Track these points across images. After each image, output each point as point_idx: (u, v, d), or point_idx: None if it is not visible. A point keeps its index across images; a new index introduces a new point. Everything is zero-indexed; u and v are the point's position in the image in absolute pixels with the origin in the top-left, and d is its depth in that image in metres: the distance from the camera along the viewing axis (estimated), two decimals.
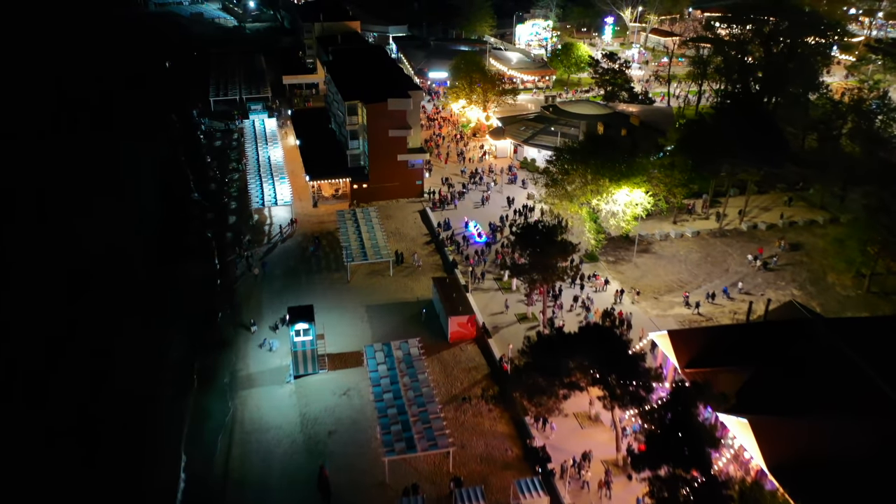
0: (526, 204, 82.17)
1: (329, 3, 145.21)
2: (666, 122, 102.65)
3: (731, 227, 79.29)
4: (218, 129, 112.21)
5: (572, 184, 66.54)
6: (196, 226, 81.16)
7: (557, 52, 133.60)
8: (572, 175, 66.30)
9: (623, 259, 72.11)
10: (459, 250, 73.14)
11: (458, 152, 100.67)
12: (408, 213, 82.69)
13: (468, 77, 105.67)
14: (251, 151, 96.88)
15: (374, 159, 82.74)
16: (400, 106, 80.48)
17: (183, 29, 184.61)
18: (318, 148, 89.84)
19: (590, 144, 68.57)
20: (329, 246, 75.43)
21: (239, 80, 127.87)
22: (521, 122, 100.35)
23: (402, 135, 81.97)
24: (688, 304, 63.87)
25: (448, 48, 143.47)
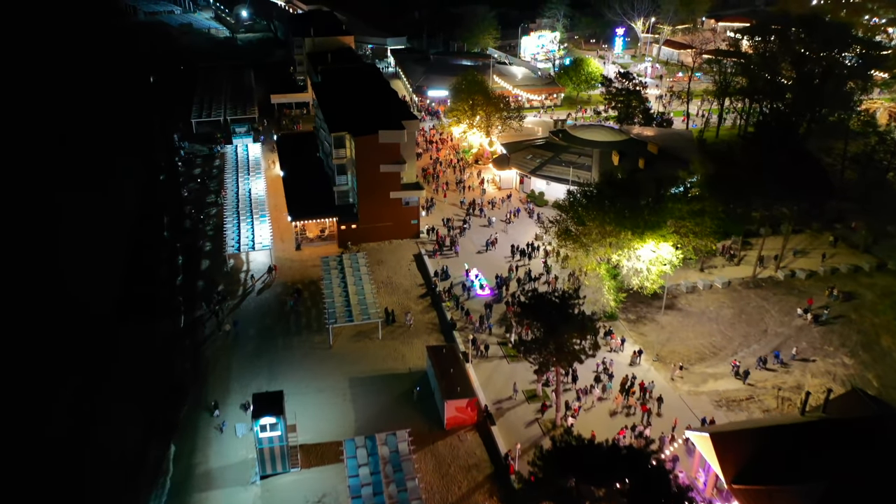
0: (532, 243, 73.45)
1: (322, 16, 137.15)
2: (686, 148, 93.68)
3: (766, 274, 70.27)
4: (199, 153, 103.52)
5: (588, 235, 57.54)
6: (164, 272, 72.36)
7: (566, 67, 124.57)
8: (589, 225, 57.26)
9: (645, 317, 63.09)
10: (459, 305, 64.23)
11: (458, 181, 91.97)
12: (401, 258, 73.82)
13: (469, 99, 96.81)
14: (231, 183, 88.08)
15: (363, 197, 73.94)
16: (392, 138, 71.69)
17: (171, 40, 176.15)
18: (303, 181, 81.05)
19: (608, 188, 59.47)
20: (311, 299, 66.59)
21: (225, 98, 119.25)
22: (527, 150, 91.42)
23: (396, 170, 73.19)
24: (738, 375, 54.98)
25: (449, 63, 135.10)
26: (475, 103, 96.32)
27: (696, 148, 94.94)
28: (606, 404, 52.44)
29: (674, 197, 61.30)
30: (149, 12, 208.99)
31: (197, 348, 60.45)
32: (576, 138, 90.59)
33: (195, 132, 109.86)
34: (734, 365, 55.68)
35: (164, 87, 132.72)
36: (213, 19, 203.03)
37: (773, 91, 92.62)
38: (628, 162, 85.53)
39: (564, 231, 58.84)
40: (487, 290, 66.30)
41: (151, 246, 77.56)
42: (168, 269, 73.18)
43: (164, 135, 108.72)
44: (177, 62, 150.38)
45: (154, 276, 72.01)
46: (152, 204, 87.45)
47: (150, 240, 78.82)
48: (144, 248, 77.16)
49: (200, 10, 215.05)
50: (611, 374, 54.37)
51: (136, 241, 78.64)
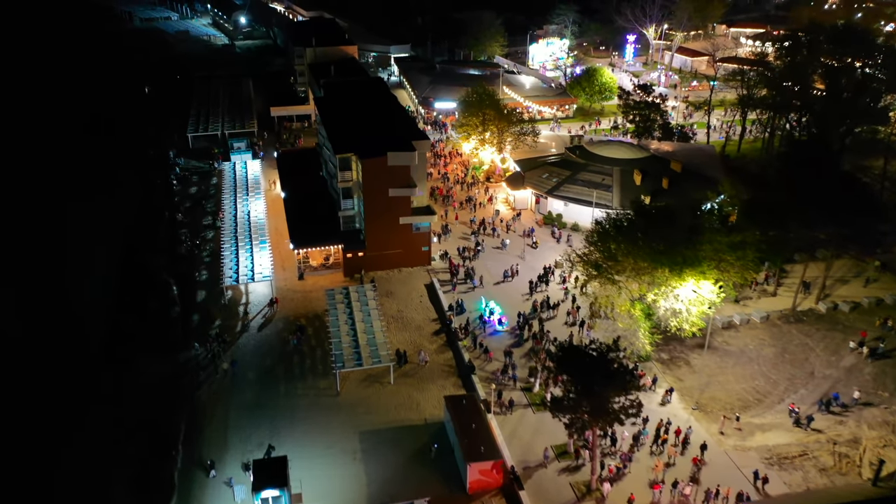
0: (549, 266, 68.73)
1: (323, 25, 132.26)
2: (710, 165, 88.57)
3: (805, 306, 65.16)
4: (195, 170, 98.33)
5: (621, 272, 52.36)
6: (157, 306, 67.07)
7: (579, 77, 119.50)
8: (622, 262, 52.08)
9: (679, 357, 57.92)
10: (476, 343, 59.04)
11: (467, 198, 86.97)
12: (412, 289, 68.64)
13: (480, 113, 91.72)
14: (229, 204, 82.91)
15: (371, 222, 68.79)
16: (402, 161, 66.56)
17: (168, 48, 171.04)
18: (305, 204, 75.82)
19: (641, 220, 54.25)
20: (316, 336, 61.41)
21: (222, 110, 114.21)
22: (543, 167, 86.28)
23: (406, 194, 68.02)
24: (798, 423, 50.12)
25: (456, 72, 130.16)
26: (487, 118, 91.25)
27: (720, 165, 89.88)
28: (644, 455, 47.44)
29: (711, 227, 55.96)
30: (145, 18, 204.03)
31: (192, 393, 55.25)
32: (594, 155, 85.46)
33: (191, 147, 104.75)
34: (792, 410, 50.68)
35: (159, 97, 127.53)
36: (211, 26, 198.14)
37: (803, 104, 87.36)
38: (651, 181, 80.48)
39: (595, 266, 53.60)
40: (505, 321, 61.18)
41: (143, 274, 72.20)
42: (161, 300, 67.89)
43: (159, 150, 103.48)
44: (172, 71, 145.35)
45: (145, 308, 66.68)
46: (145, 227, 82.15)
47: (142, 267, 73.45)
48: (135, 276, 71.82)
49: (198, 16, 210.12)
50: (645, 418, 49.21)
51: (126, 268, 73.30)
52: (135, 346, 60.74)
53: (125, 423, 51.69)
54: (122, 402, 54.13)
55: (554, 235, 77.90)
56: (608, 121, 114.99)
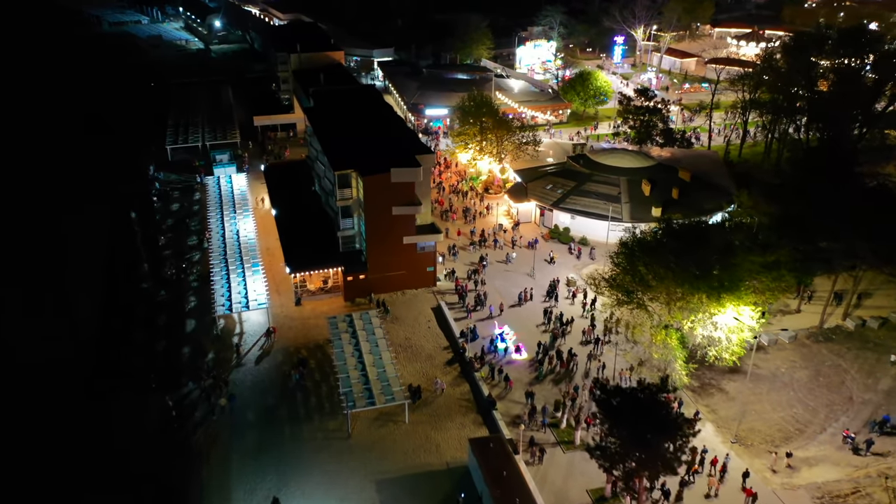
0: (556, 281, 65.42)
1: (306, 29, 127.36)
2: (717, 172, 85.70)
3: (832, 322, 62.23)
4: (176, 184, 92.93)
5: (655, 299, 48.70)
6: (142, 337, 61.95)
7: (572, 81, 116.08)
8: (656, 288, 48.39)
9: (710, 384, 54.46)
10: (494, 373, 54.98)
11: (464, 209, 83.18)
12: (419, 313, 64.38)
13: (478, 122, 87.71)
14: (215, 222, 77.84)
15: (373, 243, 64.40)
16: (407, 177, 62.28)
17: (140, 54, 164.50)
18: (300, 223, 71.24)
19: (673, 241, 50.58)
20: (319, 369, 56.91)
21: (202, 120, 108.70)
22: (546, 178, 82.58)
23: (410, 212, 63.75)
24: (857, 451, 47.32)
25: (444, 77, 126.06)
26: (484, 126, 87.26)
27: (726, 172, 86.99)
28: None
29: (743, 244, 52.54)
30: (114, 23, 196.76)
31: (187, 437, 50.45)
32: (599, 165, 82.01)
33: (170, 160, 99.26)
34: (847, 437, 47.59)
35: (134, 107, 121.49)
36: (184, 30, 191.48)
37: (812, 108, 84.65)
38: (660, 191, 77.26)
39: (625, 292, 49.84)
40: (524, 351, 57.26)
41: (126, 302, 66.99)
42: (147, 331, 62.74)
43: (136, 164, 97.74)
44: (147, 78, 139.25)
45: (130, 340, 61.57)
46: (125, 249, 76.75)
47: (124, 295, 68.21)
48: (118, 304, 66.61)
49: (170, 19, 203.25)
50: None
51: (108, 295, 68.05)
52: (121, 384, 55.82)
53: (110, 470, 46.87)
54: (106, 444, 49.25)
55: (571, 251, 74.11)
56: (608, 125, 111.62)
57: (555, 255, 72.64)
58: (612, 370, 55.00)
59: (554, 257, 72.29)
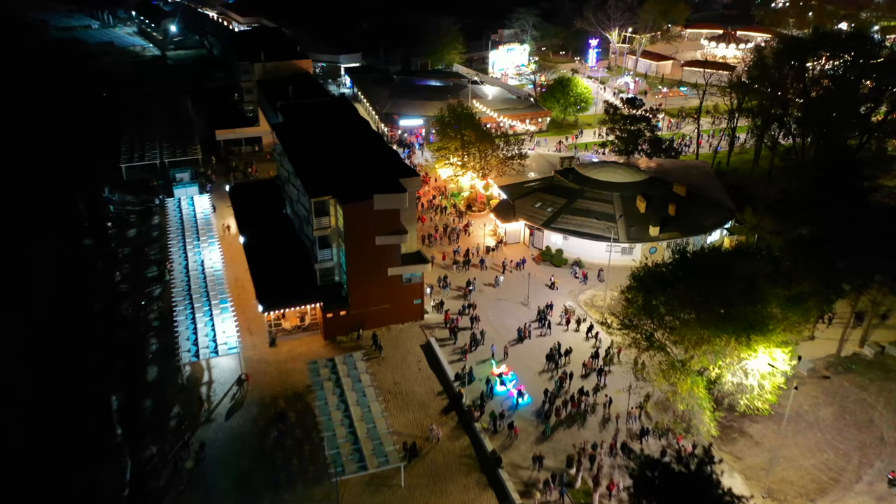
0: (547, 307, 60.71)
1: (270, 36, 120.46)
2: (711, 185, 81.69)
3: (849, 349, 58.33)
4: (133, 207, 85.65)
5: (680, 343, 43.85)
6: (97, 389, 55.08)
7: (551, 87, 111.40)
8: (680, 331, 43.54)
9: (731, 426, 49.85)
10: (496, 423, 49.61)
11: (444, 227, 77.97)
12: (406, 351, 58.67)
13: (459, 135, 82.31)
14: (177, 251, 71.05)
15: (354, 276, 58.52)
16: (391, 204, 56.55)
17: (90, 61, 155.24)
18: (271, 252, 64.98)
19: (693, 276, 45.70)
20: (300, 423, 50.83)
21: (160, 135, 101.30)
22: (534, 195, 77.52)
23: (395, 242, 58.04)
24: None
25: (416, 84, 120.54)
26: (466, 140, 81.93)
27: (720, 184, 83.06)
28: None
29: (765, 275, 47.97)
30: (62, 28, 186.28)
31: None
32: (589, 179, 77.29)
33: (125, 179, 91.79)
34: (894, 480, 43.51)
35: (84, 121, 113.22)
36: (138, 35, 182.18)
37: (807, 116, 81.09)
38: (656, 208, 72.85)
39: (645, 337, 44.92)
40: (527, 396, 52.03)
41: (78, 346, 59.96)
42: (101, 383, 55.86)
43: (88, 185, 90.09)
44: (98, 88, 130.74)
45: (83, 393, 54.75)
46: (76, 282, 69.57)
47: (76, 338, 61.10)
48: (68, 349, 59.55)
49: (122, 23, 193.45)
50: None
51: (56, 339, 60.87)
52: (71, 443, 49.06)
53: None
54: None
55: (576, 276, 69.17)
56: (593, 133, 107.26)
57: (556, 279, 67.59)
58: (612, 394, 50.09)
59: (555, 282, 67.27)
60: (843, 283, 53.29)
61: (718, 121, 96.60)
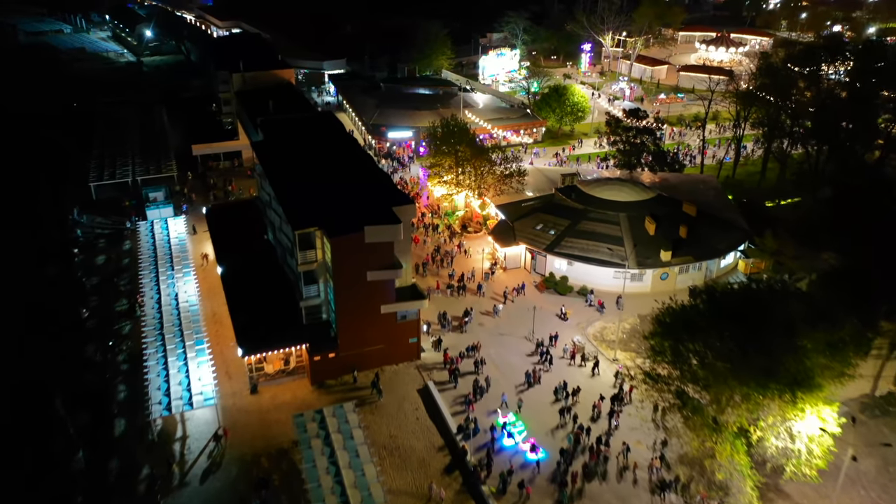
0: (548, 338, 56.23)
1: (250, 43, 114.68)
2: (721, 202, 77.18)
3: (883, 388, 53.71)
4: (102, 230, 79.55)
5: (716, 402, 38.78)
6: (59, 443, 49.20)
7: (546, 95, 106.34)
8: (716, 388, 38.47)
9: (767, 483, 44.87)
10: (505, 484, 44.39)
11: (436, 249, 72.89)
12: (402, 398, 53.23)
13: (453, 151, 77.02)
14: (149, 282, 65.26)
15: (344, 314, 53.03)
16: (384, 236, 51.11)
17: (61, 67, 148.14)
18: (251, 285, 59.28)
19: (735, 325, 40.40)
20: (286, 489, 45.26)
21: (133, 150, 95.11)
22: (533, 216, 72.36)
23: (388, 277, 52.63)
24: None
25: (404, 92, 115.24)
26: (461, 156, 76.63)
27: (730, 201, 78.53)
28: None
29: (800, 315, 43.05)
30: (31, 32, 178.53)
31: None
32: (593, 198, 72.34)
33: (95, 198, 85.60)
34: None
35: (53, 133, 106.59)
36: (111, 40, 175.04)
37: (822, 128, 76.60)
38: (666, 229, 67.95)
39: (677, 395, 39.84)
40: (540, 451, 46.80)
41: (38, 391, 53.93)
42: (64, 437, 50.05)
43: (54, 205, 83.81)
44: (68, 98, 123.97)
45: (45, 448, 48.87)
46: (38, 315, 63.37)
47: (36, 382, 55.02)
48: (27, 395, 53.50)
49: (95, 27, 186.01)
50: None
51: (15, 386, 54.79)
52: None
53: None
54: None
55: (590, 303, 64.15)
56: (593, 143, 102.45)
57: (568, 310, 62.52)
58: (625, 435, 45.04)
59: (567, 313, 62.20)
60: (885, 320, 48.56)
61: (722, 129, 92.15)
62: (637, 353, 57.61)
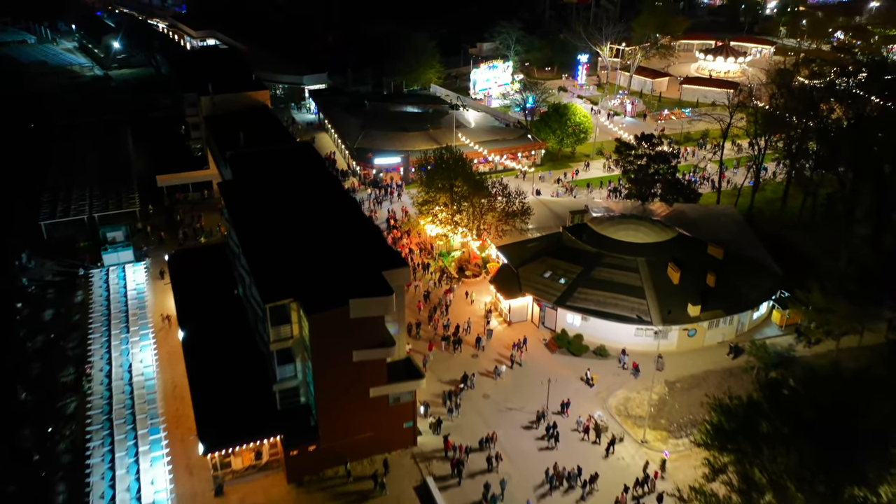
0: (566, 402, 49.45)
1: (221, 60, 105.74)
2: (744, 239, 69.67)
3: None
4: (53, 277, 70.36)
5: None
6: None
7: (545, 115, 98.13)
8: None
9: None
10: None
11: (425, 294, 64.81)
12: (398, 499, 44.67)
13: (447, 185, 68.62)
14: (100, 349, 56.28)
15: (325, 401, 44.45)
16: (373, 310, 42.57)
17: (21, 81, 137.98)
18: (218, 357, 50.39)
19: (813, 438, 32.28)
20: None
21: (91, 180, 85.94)
22: (540, 261, 64.06)
23: (379, 356, 44.10)
24: None
25: (391, 111, 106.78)
26: (458, 192, 68.23)
27: (754, 236, 70.80)
28: None
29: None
30: None
31: None
32: (606, 240, 64.25)
33: (46, 238, 76.39)
34: None
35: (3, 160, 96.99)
36: (78, 51, 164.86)
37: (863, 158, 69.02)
38: (691, 277, 59.93)
39: None
40: None
41: None
42: None
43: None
44: (26, 118, 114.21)
45: None
46: None
47: None
48: None
49: (61, 37, 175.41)
50: None
51: None
52: None
53: None
54: None
55: (623, 366, 56.04)
56: (602, 166, 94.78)
57: (594, 375, 54.40)
58: None
59: (593, 378, 54.11)
60: None
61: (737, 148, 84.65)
62: (669, 432, 49.95)
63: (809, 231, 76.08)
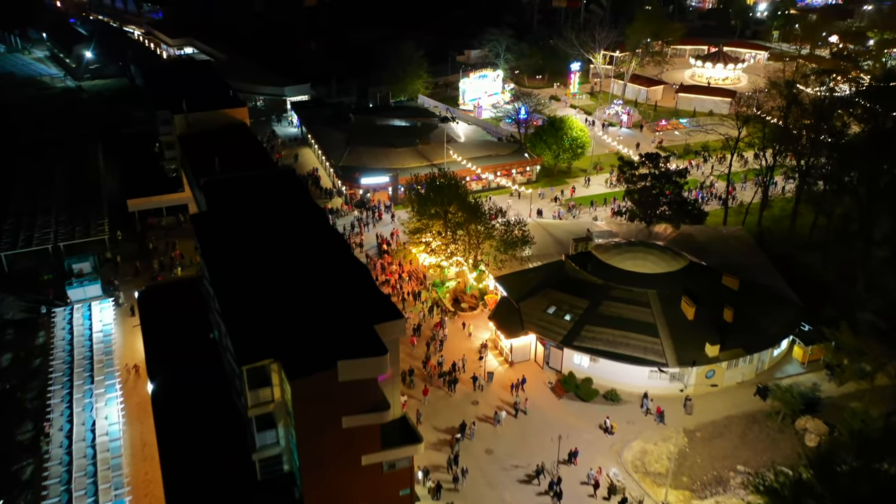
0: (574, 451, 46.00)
1: (197, 74, 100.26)
2: (758, 265, 65.46)
3: None
4: (13, 315, 64.73)
5: None
6: None
7: (540, 130, 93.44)
8: None
9: None
10: None
11: (415, 327, 60.00)
12: None
13: (442, 212, 63.80)
14: (60, 402, 50.82)
15: (311, 470, 39.36)
16: (364, 372, 37.53)
17: None
18: (190, 415, 45.15)
19: None
20: None
21: (57, 206, 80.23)
22: (543, 294, 59.36)
23: (371, 422, 39.06)
24: None
25: (377, 124, 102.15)
26: (452, 219, 63.37)
27: (767, 261, 66.57)
28: None
29: None
30: None
31: None
32: (614, 270, 59.73)
33: (6, 271, 70.74)
34: None
35: None
36: (49, 60, 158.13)
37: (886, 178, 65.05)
38: (707, 311, 55.49)
39: None
40: None
41: None
42: None
43: None
44: None
45: None
46: None
47: None
48: None
49: (33, 45, 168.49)
50: None
51: None
52: None
53: None
54: None
55: (647, 411, 51.58)
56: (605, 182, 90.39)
57: (613, 423, 49.78)
58: None
59: (613, 426, 49.50)
60: None
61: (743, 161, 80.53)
62: (693, 491, 45.38)
63: (822, 252, 71.97)
